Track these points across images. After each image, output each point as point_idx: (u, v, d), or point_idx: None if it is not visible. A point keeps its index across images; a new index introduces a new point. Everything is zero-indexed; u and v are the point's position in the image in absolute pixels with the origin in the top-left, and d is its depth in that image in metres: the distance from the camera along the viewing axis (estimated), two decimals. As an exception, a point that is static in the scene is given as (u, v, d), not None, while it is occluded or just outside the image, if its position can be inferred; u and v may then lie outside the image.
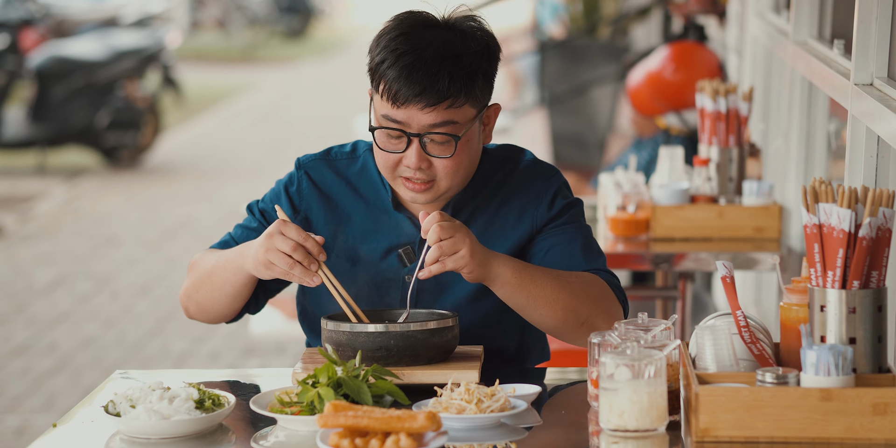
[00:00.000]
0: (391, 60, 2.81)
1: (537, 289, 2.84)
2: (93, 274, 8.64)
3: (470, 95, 2.83)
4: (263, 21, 22.48)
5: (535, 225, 2.98)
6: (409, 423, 2.36)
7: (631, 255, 4.34)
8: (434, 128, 2.82)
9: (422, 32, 2.83)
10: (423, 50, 2.80)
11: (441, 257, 2.75)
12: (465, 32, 2.86)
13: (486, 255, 2.79)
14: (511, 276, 2.82)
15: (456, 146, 2.84)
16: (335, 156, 3.05)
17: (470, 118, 2.86)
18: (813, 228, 2.45)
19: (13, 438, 5.87)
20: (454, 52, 2.81)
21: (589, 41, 9.70)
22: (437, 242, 2.74)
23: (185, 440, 2.55)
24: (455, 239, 2.74)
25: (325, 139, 13.07)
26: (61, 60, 11.85)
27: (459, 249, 2.75)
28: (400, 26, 2.85)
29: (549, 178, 3.00)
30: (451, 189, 2.91)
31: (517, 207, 2.98)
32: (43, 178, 11.68)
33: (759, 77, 5.49)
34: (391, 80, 2.80)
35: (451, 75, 2.79)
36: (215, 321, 3.06)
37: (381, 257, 2.97)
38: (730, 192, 4.49)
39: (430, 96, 2.79)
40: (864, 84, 3.41)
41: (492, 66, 2.88)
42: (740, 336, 2.54)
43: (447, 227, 2.74)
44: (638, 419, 2.46)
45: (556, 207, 2.98)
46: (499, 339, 3.01)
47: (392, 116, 2.83)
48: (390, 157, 2.87)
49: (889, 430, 2.37)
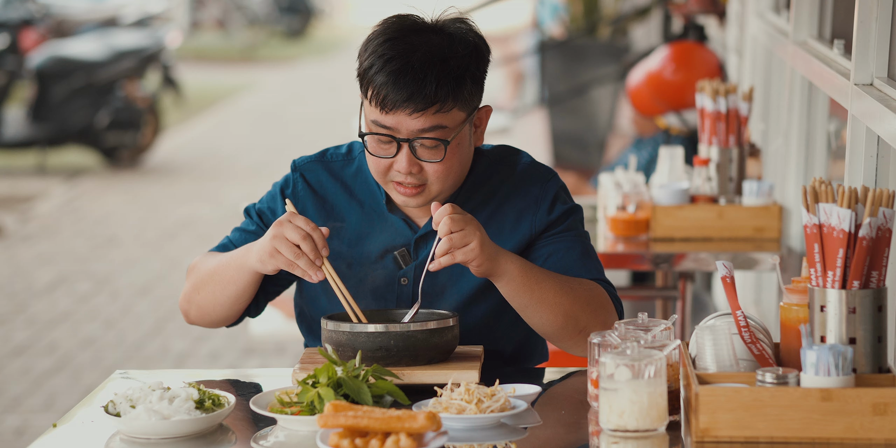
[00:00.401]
0: (378, 66, 2.80)
1: (541, 290, 2.84)
2: (93, 274, 8.64)
3: (458, 99, 2.83)
4: (263, 21, 22.47)
5: (533, 230, 2.97)
6: (409, 423, 2.36)
7: (631, 255, 4.34)
8: (423, 133, 2.82)
9: (409, 37, 2.83)
10: (410, 55, 2.80)
11: (451, 249, 2.75)
12: (453, 35, 2.85)
13: (496, 250, 2.80)
14: (517, 274, 2.82)
15: (446, 150, 2.84)
16: (330, 158, 3.05)
17: (459, 122, 2.85)
18: (813, 228, 2.45)
19: (13, 438, 5.87)
20: (441, 56, 2.80)
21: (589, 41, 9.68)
22: (447, 234, 2.74)
23: (185, 440, 2.55)
24: (466, 231, 2.75)
25: (324, 139, 13.07)
26: (61, 60, 11.85)
27: (470, 242, 2.75)
28: (387, 31, 2.85)
29: (546, 182, 3.00)
30: (442, 192, 2.91)
31: (514, 211, 2.98)
32: (43, 178, 11.68)
33: (759, 77, 5.49)
34: (379, 85, 2.80)
35: (438, 80, 2.79)
36: (215, 325, 3.06)
37: (377, 259, 2.97)
38: (730, 192, 4.49)
39: (417, 102, 2.79)
40: (864, 84, 3.41)
41: (480, 68, 2.88)
42: (740, 336, 2.54)
43: (458, 219, 2.74)
44: (638, 419, 2.46)
45: (556, 212, 2.98)
46: (498, 340, 3.01)
47: (381, 122, 2.83)
48: (381, 162, 2.87)
49: (889, 430, 2.37)
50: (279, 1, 22.92)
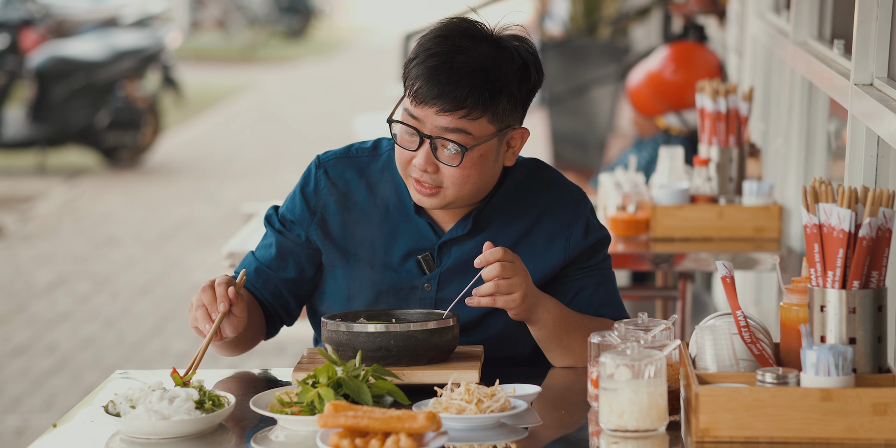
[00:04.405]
0: (421, 59, 2.80)
1: (569, 340, 2.90)
2: (93, 274, 8.64)
3: (489, 111, 2.80)
4: (263, 21, 22.47)
5: (567, 256, 2.96)
6: (409, 423, 2.36)
7: (631, 255, 4.34)
8: (445, 133, 2.81)
9: (460, 39, 2.81)
10: (454, 56, 2.78)
11: (495, 294, 2.78)
12: (506, 49, 2.83)
13: (535, 301, 2.83)
14: (551, 324, 2.88)
15: (463, 157, 2.82)
16: (356, 152, 3.02)
17: (486, 134, 2.83)
18: (813, 228, 2.45)
19: (13, 438, 5.87)
20: (484, 66, 2.79)
21: (589, 41, 9.69)
22: (495, 279, 2.76)
23: (185, 440, 2.55)
24: (513, 281, 2.77)
25: (325, 139, 13.08)
26: (61, 60, 11.85)
27: (514, 292, 2.78)
28: (443, 29, 2.84)
29: (578, 205, 2.98)
30: (458, 199, 2.88)
31: (546, 232, 2.96)
32: (43, 178, 11.68)
33: (759, 77, 5.49)
34: (415, 77, 2.80)
35: (472, 86, 2.77)
36: (251, 347, 3.10)
37: (400, 262, 2.96)
38: (730, 192, 4.49)
39: (446, 101, 2.78)
40: (864, 84, 3.41)
41: (522, 88, 2.85)
42: (740, 336, 2.54)
43: (509, 267, 2.76)
44: (638, 419, 2.46)
45: (590, 240, 2.97)
46: (514, 348, 3.02)
47: (412, 112, 2.83)
48: (404, 155, 2.86)
49: (889, 430, 2.37)
50: (279, 1, 22.92)
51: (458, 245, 2.94)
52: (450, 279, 2.93)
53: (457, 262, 2.93)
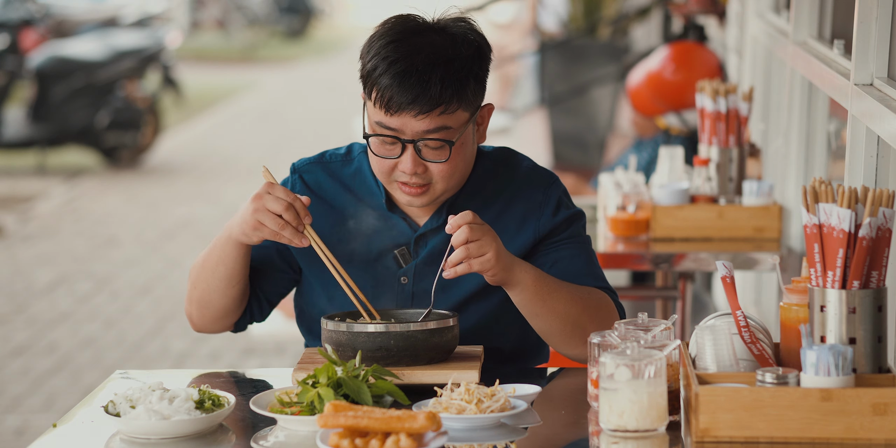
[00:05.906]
0: (382, 68, 2.80)
1: (553, 300, 2.86)
2: (93, 274, 8.64)
3: (462, 100, 2.83)
4: (263, 21, 22.48)
5: (538, 234, 2.98)
6: (409, 424, 2.36)
7: (631, 255, 4.34)
8: (428, 134, 2.82)
9: (412, 38, 2.82)
10: (414, 57, 2.79)
11: (467, 259, 2.76)
12: (456, 35, 2.85)
13: (511, 260, 2.81)
14: (531, 284, 2.84)
15: (450, 151, 2.84)
16: (329, 158, 3.06)
17: (463, 122, 2.86)
18: (813, 228, 2.45)
19: (13, 438, 5.87)
20: (445, 58, 2.80)
21: (589, 41, 9.69)
22: (464, 244, 2.75)
23: (185, 440, 2.55)
24: (482, 242, 2.76)
25: (325, 139, 13.08)
26: (61, 60, 11.85)
27: (486, 252, 2.76)
28: (390, 32, 2.84)
29: (548, 186, 3.01)
30: (446, 192, 2.92)
31: (518, 215, 2.98)
32: (43, 178, 11.68)
33: (759, 77, 5.49)
34: (383, 88, 2.80)
35: (442, 81, 2.79)
36: (218, 322, 3.05)
37: (377, 258, 2.98)
38: (730, 192, 4.49)
39: (422, 103, 2.79)
40: (864, 84, 3.41)
41: (483, 68, 2.88)
42: (740, 336, 2.54)
43: (477, 229, 2.75)
44: (638, 419, 2.46)
45: (560, 217, 2.98)
46: (498, 338, 3.01)
47: (386, 123, 2.83)
48: (386, 163, 2.87)
49: (889, 430, 2.37)
50: (279, 1, 22.92)
51: (434, 236, 2.95)
52: (426, 271, 2.95)
53: (431, 253, 2.95)
